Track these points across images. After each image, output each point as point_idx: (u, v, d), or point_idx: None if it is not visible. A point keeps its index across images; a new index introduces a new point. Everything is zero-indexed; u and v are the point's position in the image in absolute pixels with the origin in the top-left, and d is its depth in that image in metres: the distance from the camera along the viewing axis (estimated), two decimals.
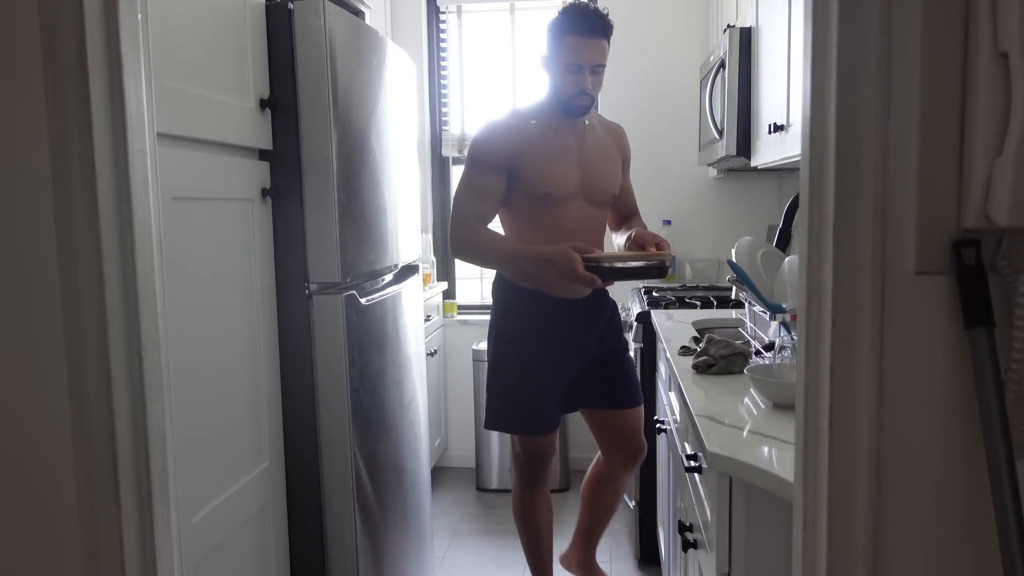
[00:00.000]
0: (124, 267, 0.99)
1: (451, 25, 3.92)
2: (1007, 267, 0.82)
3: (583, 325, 2.21)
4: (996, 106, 0.79)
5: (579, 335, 2.20)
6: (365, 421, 1.93)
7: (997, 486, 0.80)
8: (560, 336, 2.18)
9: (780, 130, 2.16)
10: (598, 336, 2.24)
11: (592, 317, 2.23)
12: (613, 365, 2.29)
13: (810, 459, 0.87)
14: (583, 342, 2.21)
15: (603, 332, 2.25)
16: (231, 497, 1.54)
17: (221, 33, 1.53)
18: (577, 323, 2.19)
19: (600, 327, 2.24)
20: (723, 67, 2.76)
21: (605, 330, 2.25)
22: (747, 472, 1.23)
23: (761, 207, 3.60)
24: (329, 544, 1.85)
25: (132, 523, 1.01)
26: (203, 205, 1.47)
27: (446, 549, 3.05)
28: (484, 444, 3.64)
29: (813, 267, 0.86)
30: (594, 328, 2.23)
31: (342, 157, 1.82)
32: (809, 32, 0.84)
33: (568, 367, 2.22)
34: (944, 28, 0.80)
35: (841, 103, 0.82)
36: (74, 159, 0.95)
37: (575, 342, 2.20)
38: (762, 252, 1.97)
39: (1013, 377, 0.82)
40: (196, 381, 1.42)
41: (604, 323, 2.25)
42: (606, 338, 2.26)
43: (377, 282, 2.20)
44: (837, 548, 0.85)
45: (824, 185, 0.84)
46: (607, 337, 2.26)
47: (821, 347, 0.85)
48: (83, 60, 0.94)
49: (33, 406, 0.98)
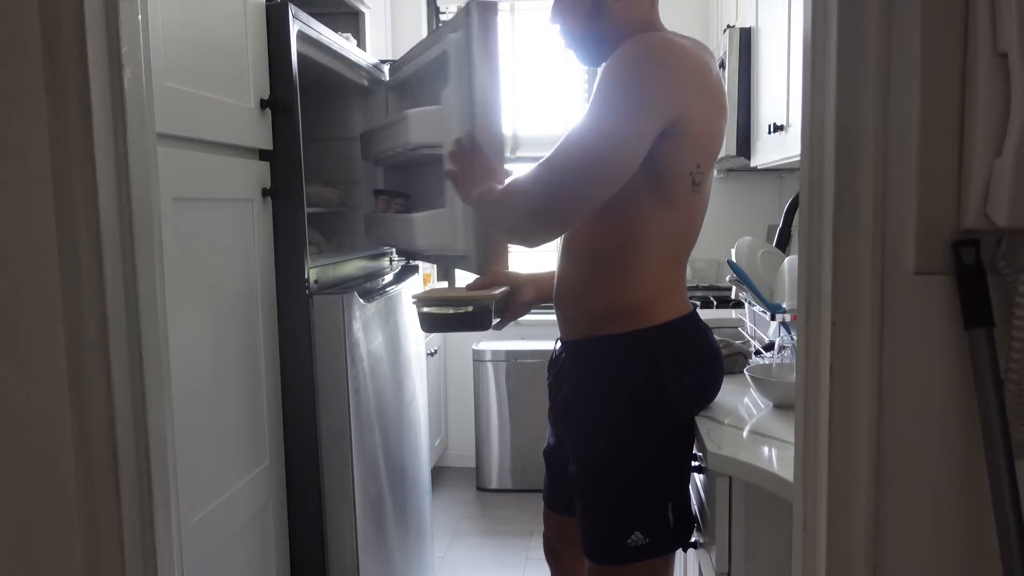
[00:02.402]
0: (124, 267, 0.99)
1: None
2: (1006, 267, 0.83)
3: (550, 387, 1.58)
4: (995, 106, 0.79)
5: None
6: (365, 421, 1.93)
7: (997, 486, 0.80)
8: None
9: (780, 130, 2.16)
10: (553, 416, 1.57)
11: (553, 382, 1.56)
12: (563, 461, 1.51)
13: (810, 459, 0.87)
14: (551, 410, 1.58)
15: (557, 414, 1.52)
16: (231, 497, 1.54)
17: (221, 33, 1.53)
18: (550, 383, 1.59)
19: (555, 402, 1.53)
20: (723, 67, 2.76)
21: (559, 412, 1.50)
22: (747, 472, 1.23)
23: (761, 207, 3.60)
24: (329, 544, 1.85)
25: (132, 523, 1.01)
26: (203, 205, 1.47)
27: (446, 549, 3.05)
28: (484, 444, 3.65)
29: (813, 267, 0.86)
30: (553, 398, 1.56)
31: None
32: (809, 32, 0.84)
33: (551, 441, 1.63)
34: (944, 28, 0.80)
35: (841, 103, 0.82)
36: (74, 159, 0.95)
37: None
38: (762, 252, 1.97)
39: (1013, 377, 0.82)
40: (196, 381, 1.42)
41: (560, 399, 1.50)
42: (559, 422, 1.52)
43: (377, 282, 2.20)
44: (837, 548, 0.85)
45: (824, 185, 0.84)
46: (560, 422, 1.51)
47: (821, 347, 0.85)
48: (83, 60, 0.94)
49: (33, 406, 0.98)
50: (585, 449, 1.42)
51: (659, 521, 1.39)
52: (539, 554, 3.01)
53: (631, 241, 1.36)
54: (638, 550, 1.37)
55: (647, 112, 1.23)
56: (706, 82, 1.31)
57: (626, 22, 1.37)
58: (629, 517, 1.38)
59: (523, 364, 3.57)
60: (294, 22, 1.74)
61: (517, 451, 3.62)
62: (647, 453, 1.38)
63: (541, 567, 2.91)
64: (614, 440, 1.38)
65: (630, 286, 1.38)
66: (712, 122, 1.33)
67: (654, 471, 1.39)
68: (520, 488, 3.61)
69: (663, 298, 1.39)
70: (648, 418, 1.37)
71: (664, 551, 1.41)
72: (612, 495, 1.39)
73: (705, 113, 1.30)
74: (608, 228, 1.37)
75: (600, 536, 1.40)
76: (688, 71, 1.27)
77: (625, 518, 1.38)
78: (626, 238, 1.37)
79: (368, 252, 2.30)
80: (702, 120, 1.30)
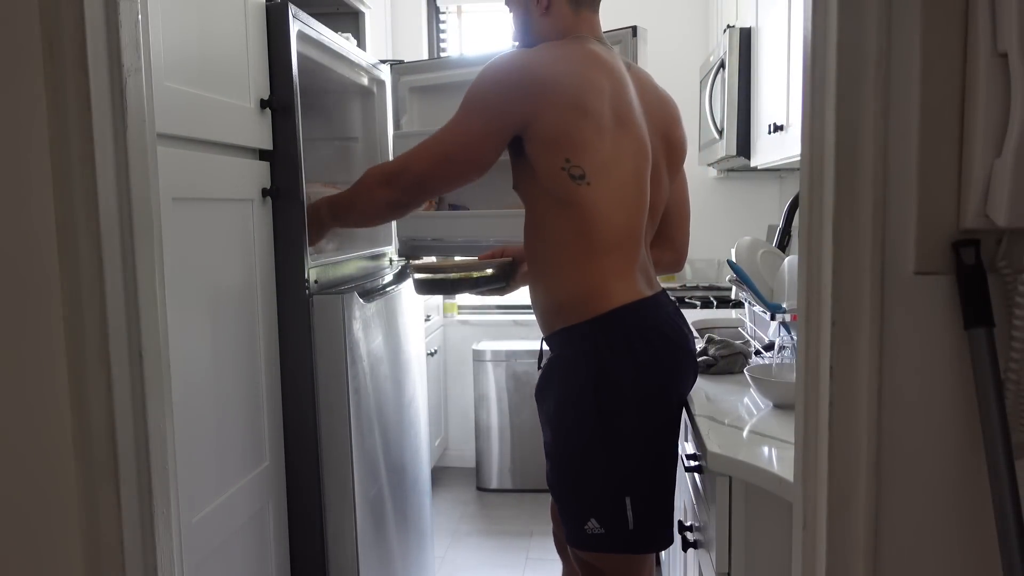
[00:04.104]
0: (124, 267, 0.99)
1: (451, 25, 3.92)
2: (1006, 267, 0.83)
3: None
4: (995, 106, 0.79)
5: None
6: (365, 421, 1.93)
7: (997, 486, 0.80)
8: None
9: (780, 130, 2.16)
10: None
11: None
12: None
13: (810, 459, 0.87)
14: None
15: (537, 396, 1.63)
16: (231, 497, 1.54)
17: (221, 33, 1.53)
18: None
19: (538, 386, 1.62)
20: (723, 67, 2.76)
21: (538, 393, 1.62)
22: (747, 472, 1.23)
23: (761, 207, 3.61)
24: (329, 544, 1.85)
25: (132, 523, 1.01)
26: (203, 205, 1.47)
27: (446, 549, 3.05)
28: (484, 444, 3.65)
29: (813, 267, 0.86)
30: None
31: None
32: (809, 32, 0.84)
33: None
34: (944, 28, 0.80)
35: (841, 103, 0.82)
36: (74, 159, 0.95)
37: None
38: (762, 252, 1.97)
39: (1012, 377, 0.82)
40: (196, 381, 1.42)
41: (540, 382, 1.61)
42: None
43: (377, 282, 2.20)
44: (837, 548, 0.85)
45: (824, 185, 0.84)
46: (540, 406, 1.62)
47: (821, 347, 0.85)
48: (83, 60, 0.94)
49: (33, 406, 0.98)
50: (547, 437, 1.55)
51: (615, 514, 1.43)
52: (539, 554, 3.02)
53: (547, 241, 1.51)
54: (595, 538, 1.45)
55: (486, 117, 1.46)
56: (560, 88, 1.43)
57: (551, 31, 1.56)
58: (584, 503, 1.46)
59: (523, 364, 3.57)
60: (294, 22, 1.74)
61: (517, 451, 3.61)
62: (595, 442, 1.44)
63: (541, 567, 2.91)
64: (565, 428, 1.48)
65: (565, 281, 1.49)
66: (570, 123, 1.43)
67: (603, 460, 1.43)
68: (520, 488, 3.61)
69: (604, 289, 1.46)
70: (595, 406, 1.43)
71: (626, 548, 1.46)
72: (570, 480, 1.49)
73: (558, 117, 1.42)
74: (531, 232, 1.54)
75: (566, 519, 1.51)
76: (534, 81, 1.44)
77: (581, 504, 1.47)
78: (543, 239, 1.52)
79: (368, 252, 2.30)
80: (553, 123, 1.42)
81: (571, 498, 1.49)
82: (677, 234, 1.73)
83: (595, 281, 1.46)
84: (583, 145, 1.42)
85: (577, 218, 1.44)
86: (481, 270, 1.75)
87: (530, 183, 1.49)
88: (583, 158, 1.42)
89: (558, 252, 1.49)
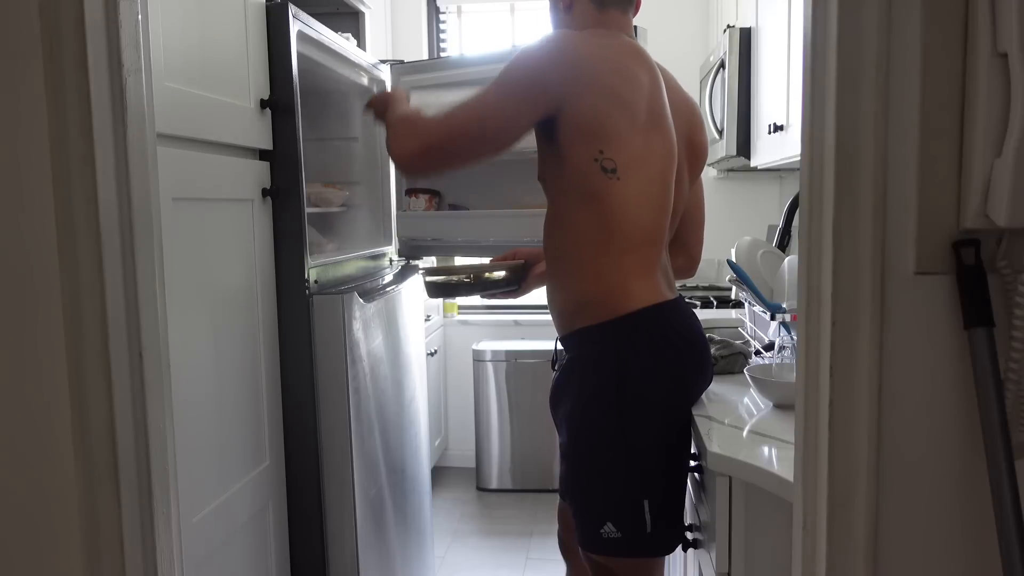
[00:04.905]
0: (124, 267, 0.99)
1: (451, 25, 3.92)
2: (1007, 267, 0.83)
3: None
4: (995, 106, 0.79)
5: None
6: (365, 421, 1.93)
7: (997, 486, 0.80)
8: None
9: (780, 130, 2.16)
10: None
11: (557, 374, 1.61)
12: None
13: (810, 459, 0.87)
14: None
15: (550, 402, 1.61)
16: (231, 497, 1.54)
17: (221, 33, 1.53)
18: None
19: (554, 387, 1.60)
20: (723, 67, 2.76)
21: (550, 400, 1.61)
22: (747, 472, 1.23)
23: (761, 207, 3.61)
24: (329, 544, 1.85)
25: (132, 523, 1.01)
26: (203, 205, 1.47)
27: (446, 549, 3.05)
28: (484, 444, 3.65)
29: (813, 267, 0.86)
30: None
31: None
32: (809, 32, 0.84)
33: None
34: (944, 28, 0.80)
35: (841, 103, 0.82)
36: (74, 159, 0.95)
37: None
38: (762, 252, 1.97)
39: (1013, 377, 0.82)
40: (196, 381, 1.42)
41: (551, 388, 1.60)
42: (552, 410, 1.62)
43: (377, 282, 2.20)
44: (837, 548, 0.85)
45: (824, 185, 0.84)
46: (552, 411, 1.61)
47: (821, 347, 0.85)
48: (83, 60, 0.94)
49: (33, 406, 0.98)
50: (564, 437, 1.49)
51: (633, 517, 1.41)
52: (539, 554, 3.02)
53: (569, 237, 1.45)
54: (611, 542, 1.41)
55: (522, 92, 1.39)
56: (599, 73, 1.39)
57: (578, 27, 1.52)
58: (600, 507, 1.42)
59: (523, 364, 3.57)
60: (294, 22, 1.74)
61: (517, 451, 3.61)
62: (616, 443, 1.41)
63: (541, 567, 2.91)
64: (584, 428, 1.44)
65: (586, 280, 1.45)
66: (605, 112, 1.38)
67: (623, 463, 1.41)
68: (520, 488, 3.61)
69: (626, 289, 1.43)
70: (616, 408, 1.40)
71: (642, 552, 1.43)
72: (585, 482, 1.45)
73: (595, 103, 1.38)
74: (553, 227, 1.49)
75: (580, 522, 1.47)
76: (573, 65, 1.38)
77: (596, 507, 1.43)
78: (565, 234, 1.46)
79: (368, 252, 2.30)
80: (589, 108, 1.37)
81: (587, 501, 1.45)
82: (692, 240, 1.72)
83: (617, 280, 1.43)
84: (617, 137, 1.39)
85: (603, 213, 1.40)
86: (493, 272, 1.74)
87: (557, 174, 1.44)
88: (616, 151, 1.38)
89: (580, 248, 1.44)
